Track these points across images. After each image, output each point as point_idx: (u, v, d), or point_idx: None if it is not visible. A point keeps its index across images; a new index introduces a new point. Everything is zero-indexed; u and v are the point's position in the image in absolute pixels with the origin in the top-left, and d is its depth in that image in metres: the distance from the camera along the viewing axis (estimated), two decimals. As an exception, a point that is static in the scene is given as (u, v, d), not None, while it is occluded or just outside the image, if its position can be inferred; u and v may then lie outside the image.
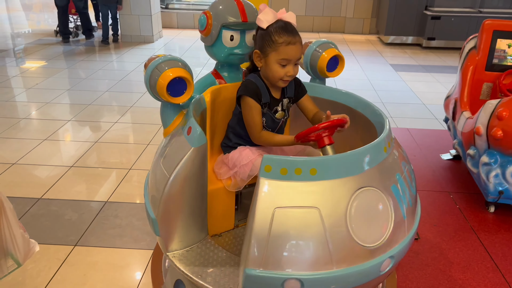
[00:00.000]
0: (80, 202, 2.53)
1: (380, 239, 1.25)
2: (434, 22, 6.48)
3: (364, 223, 1.23)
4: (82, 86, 4.73)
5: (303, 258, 1.19)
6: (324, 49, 1.87)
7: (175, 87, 1.50)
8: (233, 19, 1.71)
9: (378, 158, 1.32)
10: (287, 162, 1.20)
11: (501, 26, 2.72)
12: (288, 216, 1.18)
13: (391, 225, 1.28)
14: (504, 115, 2.20)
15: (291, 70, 1.57)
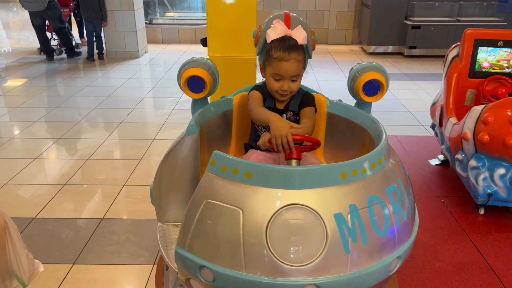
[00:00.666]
0: (76, 220, 2.51)
1: (304, 262, 1.19)
2: (414, 32, 6.66)
3: (286, 240, 1.19)
4: (69, 103, 4.71)
5: (217, 252, 1.24)
6: (365, 72, 1.79)
7: (195, 84, 1.72)
8: None
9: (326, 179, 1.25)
10: (227, 160, 1.27)
11: (482, 35, 2.83)
12: (214, 210, 1.25)
13: (324, 250, 1.20)
14: (490, 120, 2.28)
15: (285, 85, 1.63)
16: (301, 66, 1.65)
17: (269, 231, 1.19)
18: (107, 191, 2.85)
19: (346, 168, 1.27)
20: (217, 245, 1.24)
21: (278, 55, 1.60)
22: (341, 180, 1.25)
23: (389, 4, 6.75)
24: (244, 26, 3.06)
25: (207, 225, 1.26)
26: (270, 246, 1.19)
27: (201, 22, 8.17)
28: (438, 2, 6.75)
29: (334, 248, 1.20)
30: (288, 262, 1.19)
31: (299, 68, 1.64)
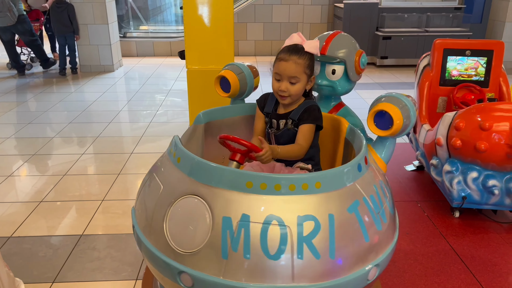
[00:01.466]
0: (54, 237, 2.45)
1: (186, 249, 1.31)
2: (385, 42, 6.86)
3: (177, 224, 1.35)
4: (42, 119, 4.61)
5: (141, 214, 1.54)
6: (378, 101, 1.65)
7: (224, 85, 2.00)
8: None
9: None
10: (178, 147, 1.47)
11: (450, 44, 2.95)
12: (152, 181, 1.51)
13: (203, 246, 1.28)
14: (461, 126, 2.37)
15: (282, 85, 1.68)
16: (300, 70, 1.66)
17: (170, 211, 1.36)
18: (85, 207, 2.79)
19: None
20: (145, 210, 1.49)
21: (280, 56, 1.69)
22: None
23: (360, 16, 6.94)
24: (221, 39, 3.09)
25: (145, 190, 1.55)
26: (166, 224, 1.36)
27: (176, 35, 8.17)
28: (407, 14, 6.98)
29: (212, 247, 1.26)
30: (175, 245, 1.33)
31: (297, 71, 1.65)
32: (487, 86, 2.96)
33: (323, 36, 2.17)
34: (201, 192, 1.33)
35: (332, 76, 1.98)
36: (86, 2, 6.39)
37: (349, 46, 1.85)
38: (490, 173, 2.41)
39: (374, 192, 1.43)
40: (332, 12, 7.80)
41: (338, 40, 1.90)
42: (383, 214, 1.44)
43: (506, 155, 2.28)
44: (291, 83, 1.68)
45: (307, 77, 1.70)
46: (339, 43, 1.92)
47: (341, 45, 1.92)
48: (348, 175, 1.37)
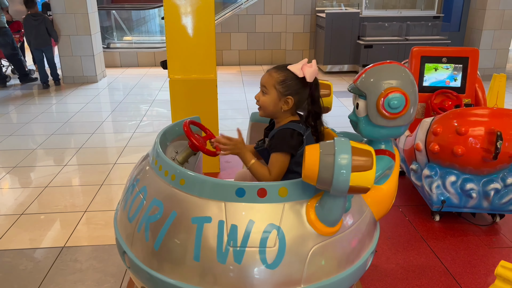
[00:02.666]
0: (35, 250, 2.42)
1: None
2: (367, 51, 6.97)
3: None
4: (24, 131, 4.56)
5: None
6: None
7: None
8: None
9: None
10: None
11: (427, 52, 3.03)
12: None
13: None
14: (439, 131, 2.43)
15: (257, 94, 1.70)
16: (270, 82, 1.64)
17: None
18: (67, 218, 2.76)
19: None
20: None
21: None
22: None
23: (342, 26, 7.05)
24: (203, 48, 3.11)
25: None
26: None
27: (160, 45, 8.19)
28: (387, 23, 7.12)
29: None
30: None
31: (267, 82, 1.65)
32: (464, 92, 3.04)
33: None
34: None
35: (357, 111, 1.62)
36: (68, 13, 6.37)
37: (380, 78, 1.54)
38: (468, 176, 2.47)
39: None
40: (314, 21, 7.91)
41: (377, 69, 1.58)
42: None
43: (482, 158, 2.34)
44: (263, 93, 1.67)
45: (277, 93, 1.63)
46: (375, 73, 1.58)
47: (374, 75, 1.57)
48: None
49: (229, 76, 7.19)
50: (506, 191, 2.45)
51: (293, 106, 1.66)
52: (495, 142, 2.25)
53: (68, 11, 6.36)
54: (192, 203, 1.35)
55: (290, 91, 1.63)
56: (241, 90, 6.27)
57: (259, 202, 1.31)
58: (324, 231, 1.33)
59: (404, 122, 1.58)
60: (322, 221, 1.32)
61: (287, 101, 1.64)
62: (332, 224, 1.33)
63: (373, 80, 1.56)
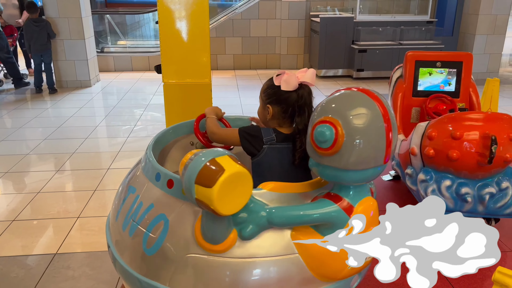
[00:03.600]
0: (27, 257, 2.38)
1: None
2: (361, 55, 7.00)
3: None
4: (16, 136, 4.51)
5: None
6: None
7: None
8: None
9: None
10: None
11: (421, 56, 3.04)
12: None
13: None
14: (434, 135, 2.43)
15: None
16: (261, 91, 1.71)
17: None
18: (60, 224, 2.73)
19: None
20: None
21: None
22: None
23: (336, 30, 7.08)
24: (197, 52, 3.10)
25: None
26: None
27: (154, 49, 8.17)
28: (381, 28, 7.16)
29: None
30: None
31: (260, 91, 1.72)
32: (458, 96, 3.05)
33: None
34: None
35: None
36: (62, 17, 6.34)
37: (324, 106, 1.25)
38: (463, 181, 2.47)
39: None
40: (309, 26, 7.94)
41: (332, 97, 1.26)
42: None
43: (477, 163, 2.34)
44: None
45: (262, 101, 1.69)
46: (325, 100, 1.27)
47: (323, 103, 1.27)
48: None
49: (224, 80, 7.18)
50: (501, 195, 2.45)
51: (275, 115, 1.63)
52: (490, 147, 2.26)
53: (61, 15, 6.33)
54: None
55: (270, 100, 1.64)
56: (236, 94, 6.27)
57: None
58: (203, 244, 1.23)
59: (340, 164, 1.19)
60: (202, 234, 1.23)
61: (268, 109, 1.64)
62: (211, 241, 1.22)
63: (318, 109, 1.26)
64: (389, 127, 1.18)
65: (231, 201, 1.09)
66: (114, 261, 1.51)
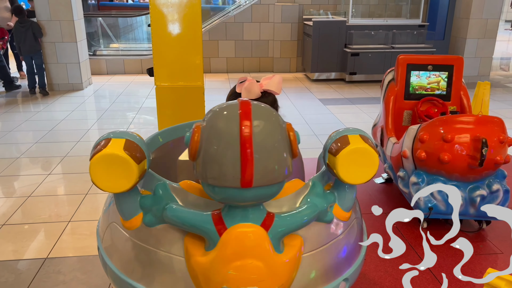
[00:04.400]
0: (17, 262, 2.36)
1: None
2: (354, 59, 7.04)
3: None
4: (7, 139, 4.47)
5: None
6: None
7: None
8: None
9: None
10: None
11: (413, 60, 3.06)
12: None
13: None
14: (425, 138, 2.44)
15: None
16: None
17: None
18: (51, 228, 2.70)
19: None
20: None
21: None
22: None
23: (329, 34, 7.11)
24: (190, 55, 3.10)
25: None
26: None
27: (147, 52, 8.15)
28: (373, 31, 7.21)
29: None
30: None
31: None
32: (449, 100, 3.07)
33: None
34: None
35: None
36: (54, 20, 6.30)
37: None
38: (454, 183, 2.48)
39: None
40: (301, 29, 7.97)
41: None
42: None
43: (468, 165, 2.36)
44: None
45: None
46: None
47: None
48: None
49: (217, 83, 7.18)
50: (492, 198, 2.47)
51: None
52: (481, 149, 2.27)
53: (53, 17, 6.29)
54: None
55: None
56: (229, 97, 6.26)
57: None
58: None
59: (197, 174, 1.10)
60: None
61: None
62: (122, 215, 1.32)
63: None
64: (249, 144, 1.01)
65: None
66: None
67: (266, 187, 1.08)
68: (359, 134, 1.29)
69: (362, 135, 1.29)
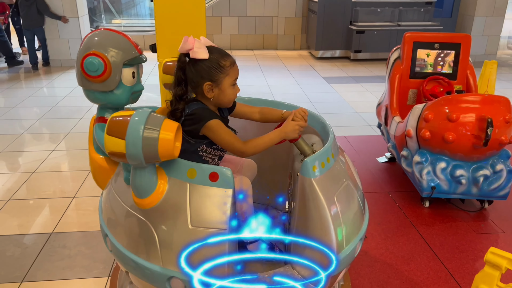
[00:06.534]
0: (23, 236, 2.39)
1: None
2: (359, 36, 6.93)
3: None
4: (10, 115, 4.47)
5: None
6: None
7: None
8: (132, 54, 1.61)
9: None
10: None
11: (420, 37, 3.00)
12: None
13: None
14: (430, 117, 2.43)
15: (238, 87, 1.61)
16: None
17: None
18: (55, 204, 2.73)
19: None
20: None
21: (230, 61, 1.57)
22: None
23: (334, 10, 6.99)
24: (193, 32, 3.05)
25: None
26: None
27: (149, 28, 8.05)
28: (380, 8, 7.07)
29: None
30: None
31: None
32: (455, 79, 3.03)
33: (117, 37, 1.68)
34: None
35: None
36: (55, -5, 6.21)
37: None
38: (458, 163, 2.48)
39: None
40: (306, 6, 7.83)
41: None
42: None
43: (472, 145, 2.35)
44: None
45: None
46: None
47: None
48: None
49: (220, 60, 7.10)
50: (495, 178, 2.47)
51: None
52: (486, 129, 2.26)
53: (54, -8, 6.20)
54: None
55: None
56: (232, 75, 6.21)
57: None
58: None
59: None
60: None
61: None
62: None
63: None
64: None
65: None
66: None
67: None
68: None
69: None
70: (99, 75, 1.56)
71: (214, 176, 1.29)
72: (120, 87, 1.62)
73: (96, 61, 1.54)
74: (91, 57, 1.54)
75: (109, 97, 1.64)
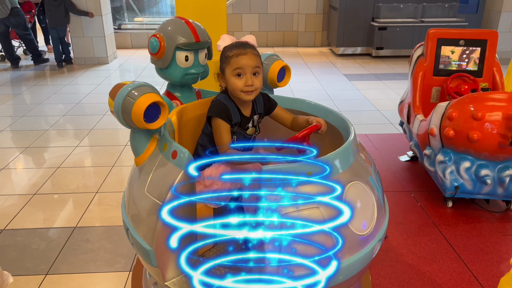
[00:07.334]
0: (48, 229, 2.45)
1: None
2: (381, 33, 6.83)
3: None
4: (36, 111, 4.59)
5: None
6: (271, 61, 1.97)
7: (149, 113, 1.43)
8: (186, 40, 1.87)
9: (347, 162, 1.40)
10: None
11: (444, 34, 2.94)
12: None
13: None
14: (454, 116, 2.37)
15: (249, 80, 1.57)
16: (259, 60, 1.61)
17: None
18: (79, 199, 2.79)
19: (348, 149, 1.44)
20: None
21: (234, 52, 1.58)
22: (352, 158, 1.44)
23: (356, 7, 6.90)
24: (214, 29, 3.06)
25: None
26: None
27: (171, 26, 8.12)
28: (402, 4, 6.95)
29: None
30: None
31: (258, 61, 1.60)
32: (481, 76, 2.96)
33: (179, 24, 1.93)
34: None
35: (205, 61, 2.01)
36: (79, -6, 6.33)
37: (203, 28, 1.97)
38: (483, 162, 2.42)
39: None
40: (327, 2, 7.76)
41: (196, 25, 1.96)
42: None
43: (498, 144, 2.29)
44: (254, 75, 1.59)
45: (261, 68, 1.64)
46: (198, 26, 1.96)
47: (200, 28, 1.97)
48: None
49: (240, 58, 7.11)
50: (522, 178, 2.40)
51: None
52: (513, 128, 2.20)
53: (79, -9, 6.32)
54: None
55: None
56: (252, 72, 6.21)
57: None
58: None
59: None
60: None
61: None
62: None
63: (203, 31, 1.96)
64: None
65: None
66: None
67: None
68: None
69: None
70: (155, 53, 1.87)
71: (174, 154, 1.41)
72: (172, 65, 1.90)
73: (155, 41, 1.86)
74: (153, 38, 1.87)
75: (165, 73, 1.94)
